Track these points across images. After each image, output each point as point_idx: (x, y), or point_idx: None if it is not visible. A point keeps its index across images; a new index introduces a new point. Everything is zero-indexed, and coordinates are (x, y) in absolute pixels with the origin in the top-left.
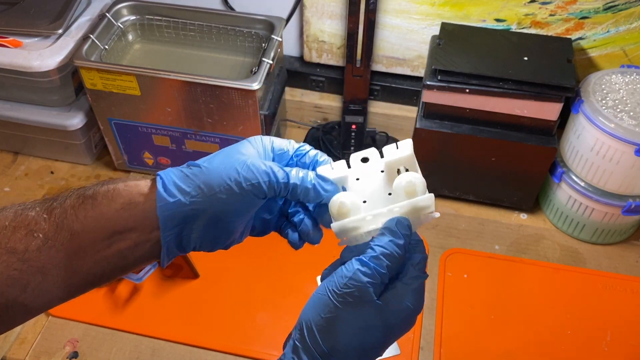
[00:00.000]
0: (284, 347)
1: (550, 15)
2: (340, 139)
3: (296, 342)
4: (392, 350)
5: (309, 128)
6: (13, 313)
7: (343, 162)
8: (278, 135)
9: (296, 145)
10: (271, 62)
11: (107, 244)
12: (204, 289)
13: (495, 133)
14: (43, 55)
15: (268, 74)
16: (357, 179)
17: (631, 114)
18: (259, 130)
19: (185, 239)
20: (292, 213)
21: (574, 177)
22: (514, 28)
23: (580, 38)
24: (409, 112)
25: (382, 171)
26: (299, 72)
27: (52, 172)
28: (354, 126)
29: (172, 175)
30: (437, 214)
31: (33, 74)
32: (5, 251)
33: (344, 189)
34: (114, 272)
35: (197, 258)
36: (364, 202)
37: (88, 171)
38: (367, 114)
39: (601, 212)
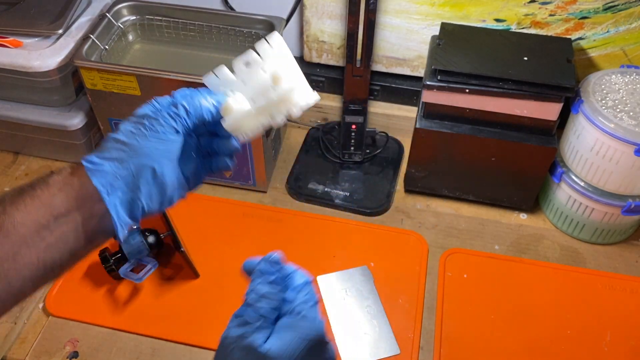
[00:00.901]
0: None
1: (550, 15)
2: (340, 139)
3: None
4: (392, 350)
5: (309, 128)
6: None
7: (224, 66)
8: (278, 135)
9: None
10: None
11: (51, 230)
12: (204, 289)
13: (495, 133)
14: (43, 55)
15: None
16: (244, 83)
17: (631, 114)
18: None
19: (132, 202)
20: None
21: (573, 177)
22: (513, 28)
23: (580, 38)
24: (409, 112)
25: (265, 71)
26: None
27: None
28: (354, 126)
29: (92, 154)
30: (317, 96)
31: (33, 74)
32: None
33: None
34: (68, 259)
35: (197, 258)
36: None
37: None
38: (367, 114)
39: (601, 212)
